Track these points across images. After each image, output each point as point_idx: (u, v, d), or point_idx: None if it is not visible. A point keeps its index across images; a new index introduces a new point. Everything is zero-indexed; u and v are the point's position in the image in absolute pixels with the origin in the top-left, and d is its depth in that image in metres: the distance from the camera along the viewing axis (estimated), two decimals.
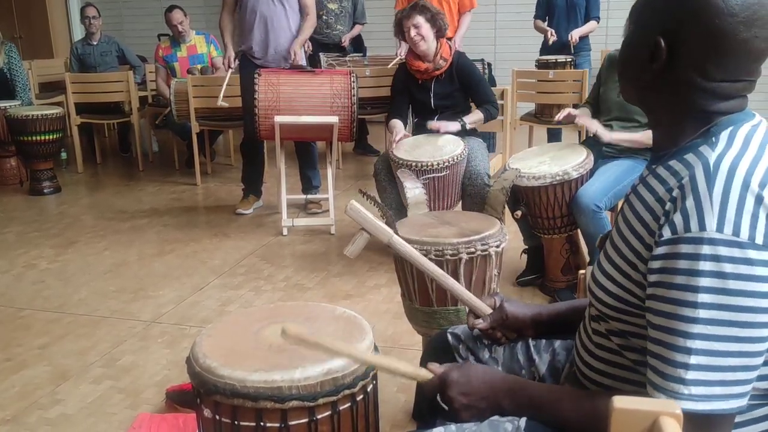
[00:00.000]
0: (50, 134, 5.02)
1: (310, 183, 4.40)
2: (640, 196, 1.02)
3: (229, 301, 3.08)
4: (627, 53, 1.06)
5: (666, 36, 0.97)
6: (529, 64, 5.62)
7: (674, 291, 0.91)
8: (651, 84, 1.02)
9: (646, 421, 0.73)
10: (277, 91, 3.77)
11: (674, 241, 0.91)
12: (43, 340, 2.75)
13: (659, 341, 0.93)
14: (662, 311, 0.93)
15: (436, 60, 3.45)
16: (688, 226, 0.90)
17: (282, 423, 1.18)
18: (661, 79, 1.00)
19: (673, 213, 0.93)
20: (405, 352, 2.54)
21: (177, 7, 5.49)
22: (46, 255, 3.76)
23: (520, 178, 2.79)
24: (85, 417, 2.20)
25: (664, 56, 0.98)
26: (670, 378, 0.91)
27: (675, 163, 0.99)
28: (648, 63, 1.00)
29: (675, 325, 0.91)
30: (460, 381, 1.13)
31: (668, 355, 0.91)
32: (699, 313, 0.89)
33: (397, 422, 2.13)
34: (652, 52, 0.99)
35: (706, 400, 0.89)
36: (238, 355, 1.24)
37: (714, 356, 0.89)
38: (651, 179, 1.02)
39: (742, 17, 0.93)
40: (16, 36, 8.34)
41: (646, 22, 1.01)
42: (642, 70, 1.01)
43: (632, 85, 1.07)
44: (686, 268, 0.89)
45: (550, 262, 3.01)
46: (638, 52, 1.02)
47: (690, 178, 0.93)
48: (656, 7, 1.00)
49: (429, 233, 1.96)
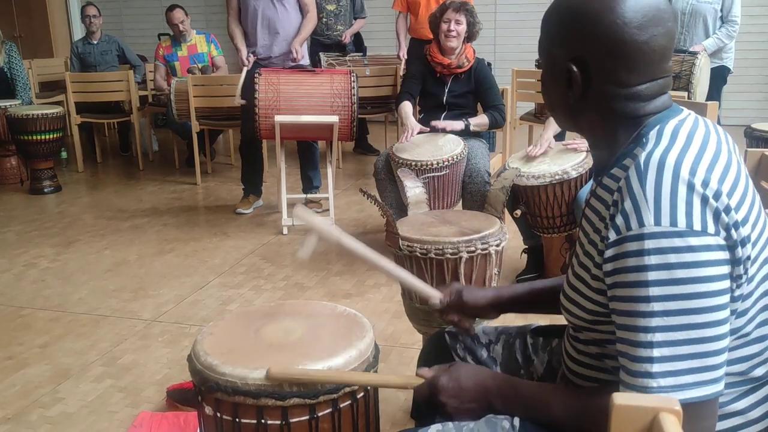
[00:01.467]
0: (50, 133, 5.02)
1: (310, 183, 4.40)
2: (593, 208, 1.05)
3: (230, 300, 3.08)
4: (547, 87, 1.10)
5: (574, 61, 1.01)
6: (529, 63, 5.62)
7: (627, 289, 0.93)
8: (576, 107, 1.05)
9: (646, 417, 0.73)
10: (277, 90, 3.78)
11: (619, 241, 0.94)
12: (43, 339, 2.75)
13: (623, 339, 0.95)
14: (622, 310, 0.95)
15: (460, 58, 3.47)
16: (628, 224, 0.93)
17: (283, 420, 1.19)
18: (583, 100, 1.04)
19: (614, 215, 0.95)
20: (405, 351, 2.54)
21: (178, 6, 5.50)
22: (46, 254, 3.76)
23: (520, 177, 2.80)
24: (86, 415, 2.20)
25: (579, 79, 1.01)
26: (638, 374, 0.92)
27: (616, 171, 1.02)
28: (567, 90, 1.04)
29: (634, 322, 0.93)
30: (449, 385, 1.14)
31: (632, 352, 0.93)
32: (653, 306, 0.90)
33: (397, 420, 2.14)
34: (567, 79, 1.03)
35: (678, 390, 0.90)
36: (239, 353, 1.24)
37: (676, 345, 0.90)
38: (599, 190, 1.05)
39: (636, 23, 0.97)
40: (17, 35, 8.34)
41: (553, 54, 1.05)
42: (565, 98, 1.05)
43: (562, 114, 1.11)
44: (634, 265, 0.92)
45: (549, 261, 3.02)
46: (555, 83, 1.06)
47: (625, 180, 0.96)
48: (557, 38, 1.05)
49: (429, 232, 1.96)
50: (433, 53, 3.53)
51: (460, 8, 3.44)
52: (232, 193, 4.86)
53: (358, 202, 4.57)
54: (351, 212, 4.40)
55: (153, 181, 5.41)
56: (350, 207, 4.51)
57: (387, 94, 5.27)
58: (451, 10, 3.43)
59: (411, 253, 1.92)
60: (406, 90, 3.64)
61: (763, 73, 6.62)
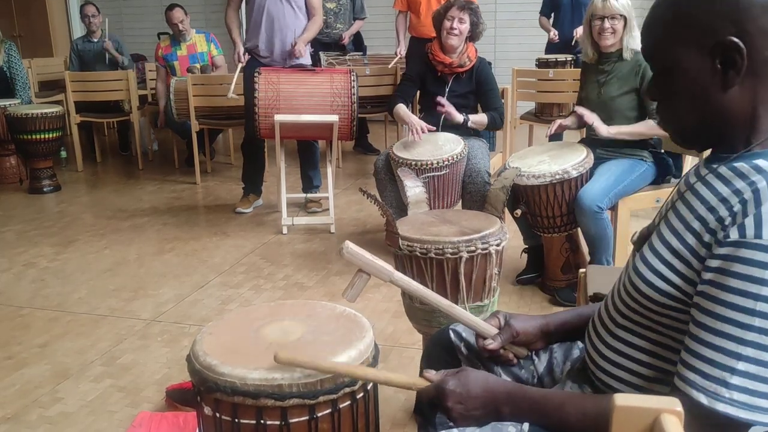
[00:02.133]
0: (50, 133, 5.02)
1: (310, 182, 4.40)
2: (699, 195, 1.01)
3: (229, 300, 3.08)
4: (692, 88, 1.01)
5: (731, 34, 0.95)
6: (530, 63, 5.62)
7: (731, 294, 0.90)
8: (726, 97, 0.98)
9: (648, 418, 0.73)
10: (277, 89, 3.77)
11: (741, 244, 0.90)
12: (43, 338, 2.74)
13: (705, 342, 0.92)
14: (714, 312, 0.92)
15: (462, 57, 3.46)
16: (759, 232, 0.89)
17: (282, 421, 1.18)
18: (739, 82, 0.97)
19: (743, 216, 0.91)
20: (405, 351, 2.54)
21: (177, 5, 5.49)
22: (45, 253, 3.75)
23: (520, 177, 2.79)
24: (86, 415, 2.20)
25: (745, 53, 0.95)
26: (713, 379, 0.90)
27: (742, 166, 0.98)
28: (722, 75, 0.97)
29: (726, 329, 0.90)
30: (456, 390, 1.11)
31: (715, 357, 0.91)
32: (755, 321, 0.88)
33: (397, 421, 2.13)
34: (725, 62, 0.96)
35: (749, 410, 0.88)
36: (239, 353, 1.24)
37: (764, 367, 0.88)
38: (712, 179, 1.01)
39: None
40: (16, 34, 8.34)
41: (697, 44, 0.98)
42: (710, 92, 0.99)
43: (696, 116, 1.02)
44: (749, 274, 0.88)
45: (549, 261, 3.01)
46: (704, 75, 0.98)
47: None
48: (698, 25, 0.97)
49: (429, 232, 1.96)
50: (434, 51, 3.52)
51: (465, 7, 3.43)
52: (232, 193, 4.86)
53: (358, 201, 4.56)
54: (351, 212, 4.40)
55: (152, 181, 5.41)
56: (350, 206, 4.51)
57: (387, 93, 5.27)
58: (456, 8, 3.42)
59: (411, 252, 1.92)
60: (400, 93, 3.63)
61: None
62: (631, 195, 2.89)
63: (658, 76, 1.05)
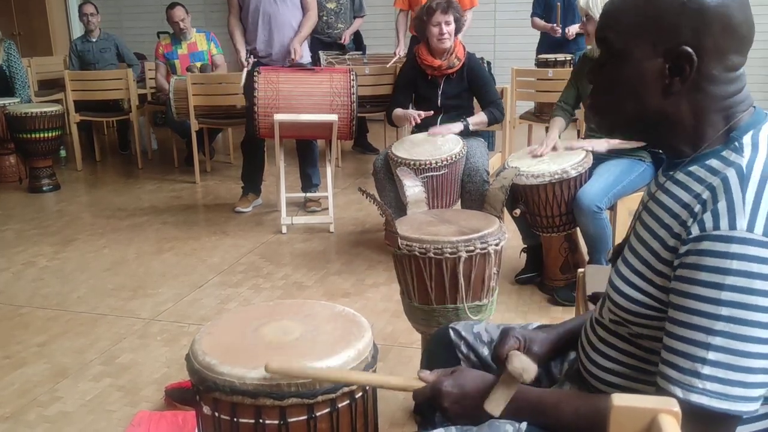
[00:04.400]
0: (49, 132, 5.02)
1: (310, 181, 4.40)
2: (660, 203, 1.02)
3: (228, 299, 3.08)
4: (623, 85, 1.02)
5: (689, 44, 0.96)
6: (529, 62, 5.63)
7: (698, 287, 0.91)
8: (670, 101, 1.00)
9: (645, 418, 0.73)
10: (276, 89, 3.77)
11: (702, 238, 0.91)
12: (42, 337, 2.74)
13: (677, 336, 0.93)
14: (683, 306, 0.93)
15: (451, 58, 3.44)
16: (717, 224, 0.91)
17: (281, 420, 1.19)
18: (683, 89, 0.99)
19: (702, 213, 0.93)
20: (404, 350, 2.54)
21: (178, 4, 5.49)
22: (45, 253, 3.75)
23: (519, 176, 2.79)
24: (85, 414, 2.20)
25: (695, 64, 0.96)
26: (686, 371, 0.91)
27: (697, 170, 0.99)
28: (669, 79, 0.98)
29: (696, 321, 0.91)
30: (453, 391, 1.11)
31: (686, 349, 0.92)
32: (721, 310, 0.89)
33: (395, 420, 2.14)
34: (672, 68, 0.97)
35: (723, 399, 0.89)
36: (238, 352, 1.24)
37: (734, 355, 0.89)
38: (671, 186, 1.02)
39: (738, 1, 0.96)
40: (15, 33, 8.33)
41: (646, 43, 0.99)
42: (655, 92, 1.00)
43: (637, 112, 1.03)
44: (712, 266, 0.90)
45: (548, 261, 3.01)
46: (645, 76, 1.00)
47: (722, 181, 0.94)
48: (656, 24, 0.98)
49: (428, 231, 1.96)
50: (422, 55, 3.49)
51: (448, 9, 3.38)
52: (231, 192, 4.86)
53: (358, 201, 4.56)
54: (350, 211, 4.40)
55: (152, 180, 5.40)
56: (349, 206, 4.51)
57: (386, 92, 5.26)
58: (439, 12, 3.37)
59: (410, 252, 1.92)
60: (396, 102, 3.63)
61: (762, 72, 6.61)
62: (630, 195, 2.89)
63: (607, 59, 1.04)
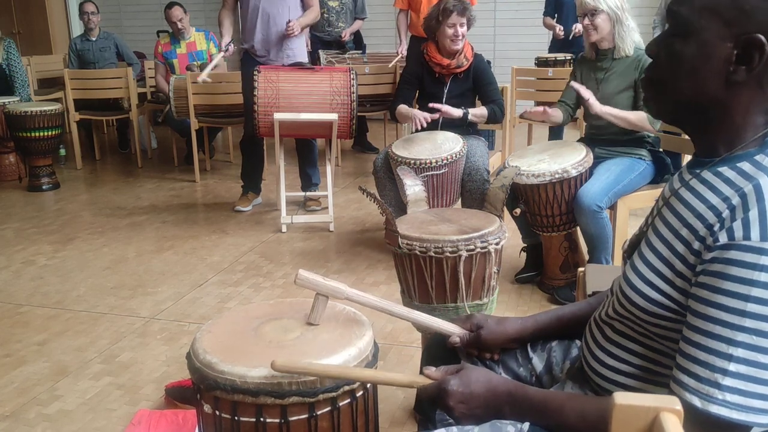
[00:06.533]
0: (49, 130, 5.02)
1: (309, 180, 4.40)
2: (684, 201, 1.01)
3: (228, 298, 3.08)
4: (698, 60, 0.97)
5: (763, 32, 0.93)
6: (529, 62, 5.62)
7: (722, 296, 0.90)
8: (728, 90, 0.97)
9: (647, 417, 0.73)
10: (276, 88, 3.77)
11: (730, 246, 0.90)
12: (41, 336, 2.74)
13: (697, 343, 0.92)
14: (705, 314, 0.92)
15: (460, 58, 3.45)
16: (748, 234, 0.89)
17: (282, 419, 1.19)
18: (745, 80, 0.96)
19: (732, 221, 0.92)
20: (404, 349, 2.54)
21: (177, 3, 5.49)
22: (44, 251, 3.75)
23: (520, 175, 2.79)
24: (84, 413, 2.20)
25: (766, 53, 0.93)
26: (706, 381, 0.90)
27: (726, 170, 0.98)
28: (735, 66, 0.95)
29: (718, 330, 0.90)
30: (459, 390, 1.11)
31: (706, 359, 0.91)
32: (746, 322, 0.88)
33: (396, 419, 2.13)
34: (742, 55, 0.94)
35: (743, 411, 0.88)
36: (238, 351, 1.24)
37: (756, 368, 0.88)
38: (697, 184, 1.00)
39: None
40: (15, 32, 8.33)
41: (729, 22, 0.95)
42: (727, 73, 0.96)
43: (691, 94, 1.00)
44: (739, 276, 0.88)
45: (548, 260, 3.02)
46: (717, 55, 0.96)
47: (755, 188, 0.92)
48: (733, 9, 0.94)
49: (429, 230, 1.96)
50: (431, 53, 3.50)
51: (464, 11, 3.40)
52: (231, 191, 4.86)
53: (358, 200, 4.56)
54: (350, 210, 4.40)
55: (152, 179, 5.40)
56: (349, 205, 4.51)
57: (386, 92, 5.27)
58: (456, 14, 3.37)
59: (410, 251, 1.92)
60: (401, 96, 3.63)
61: None
62: (630, 194, 2.89)
63: (673, 36, 1.01)
